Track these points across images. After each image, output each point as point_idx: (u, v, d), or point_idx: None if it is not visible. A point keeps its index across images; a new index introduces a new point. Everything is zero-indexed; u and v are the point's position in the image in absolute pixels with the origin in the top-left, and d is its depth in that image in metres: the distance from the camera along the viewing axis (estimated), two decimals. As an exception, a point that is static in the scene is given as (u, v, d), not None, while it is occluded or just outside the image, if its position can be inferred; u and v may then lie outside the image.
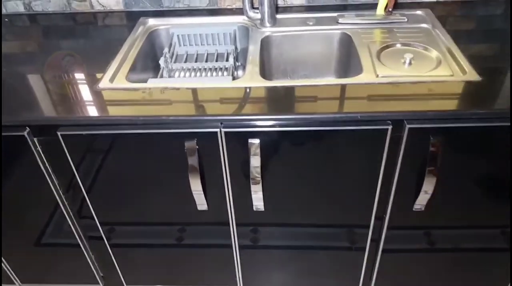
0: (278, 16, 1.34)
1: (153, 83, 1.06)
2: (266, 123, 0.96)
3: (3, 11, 1.48)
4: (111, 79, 1.09)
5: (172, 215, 1.17)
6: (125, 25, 1.38)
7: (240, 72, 1.37)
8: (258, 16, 1.30)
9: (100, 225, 1.21)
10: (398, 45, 1.17)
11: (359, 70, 1.11)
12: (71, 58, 1.19)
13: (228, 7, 1.43)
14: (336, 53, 1.31)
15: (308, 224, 1.17)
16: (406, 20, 1.27)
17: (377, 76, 1.04)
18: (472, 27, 1.24)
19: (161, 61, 1.21)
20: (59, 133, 1.00)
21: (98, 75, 1.10)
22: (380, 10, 1.29)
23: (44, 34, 1.35)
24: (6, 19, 1.44)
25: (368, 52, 1.14)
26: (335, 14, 1.32)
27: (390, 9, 1.28)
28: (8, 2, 1.46)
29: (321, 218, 1.15)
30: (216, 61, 1.33)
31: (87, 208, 1.16)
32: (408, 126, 0.95)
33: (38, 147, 1.03)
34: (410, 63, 1.09)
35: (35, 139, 1.02)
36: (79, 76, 1.12)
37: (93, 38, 1.30)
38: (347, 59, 1.27)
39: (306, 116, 0.94)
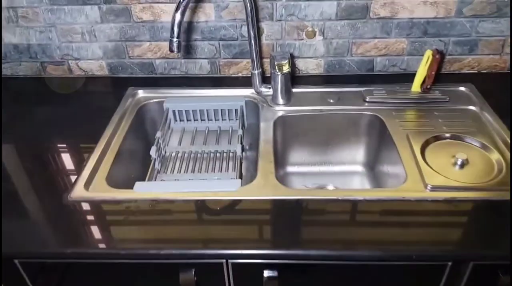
0: (294, 90, 1.13)
1: (141, 190, 0.83)
2: (287, 252, 0.73)
3: (-34, 74, 1.25)
4: (88, 183, 0.86)
5: None
6: (109, 96, 1.15)
7: (249, 153, 1.15)
8: (270, 92, 1.09)
9: None
10: (446, 136, 0.95)
11: (399, 171, 0.89)
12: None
13: (233, 75, 1.21)
14: (365, 139, 1.09)
15: None
16: (447, 99, 1.06)
17: (426, 186, 0.82)
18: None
19: (152, 152, 0.98)
20: (16, 261, 0.76)
21: (72, 175, 0.87)
22: (416, 86, 1.08)
23: (13, 102, 1.13)
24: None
25: (409, 146, 0.92)
26: (360, 89, 1.11)
27: (429, 86, 1.07)
28: (-29, 64, 1.23)
29: None
30: (218, 143, 1.10)
31: None
32: (472, 263, 0.73)
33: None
34: (461, 166, 0.88)
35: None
36: (46, 177, 0.89)
37: (69, 116, 1.07)
38: (379, 146, 1.06)
39: (339, 252, 0.71)
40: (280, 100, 1.08)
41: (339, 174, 1.14)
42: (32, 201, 0.82)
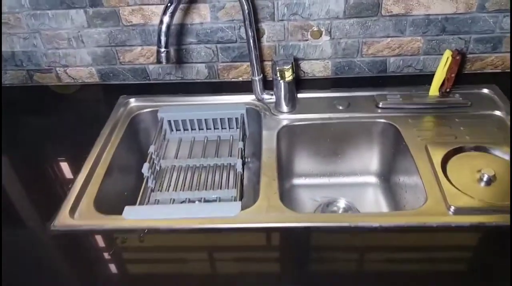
0: (299, 95, 1.03)
1: (130, 217, 0.75)
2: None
3: (-51, 84, 1.17)
4: (73, 209, 0.78)
5: None
6: (100, 105, 1.07)
7: (251, 164, 1.06)
8: (273, 99, 1.00)
9: None
10: (470, 147, 0.85)
11: (416, 187, 0.80)
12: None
13: (233, 79, 1.12)
14: (379, 148, 0.99)
15: None
16: (469, 104, 0.96)
17: (449, 208, 0.73)
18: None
19: (145, 170, 0.89)
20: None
21: (58, 197, 0.79)
22: (434, 90, 0.98)
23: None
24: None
25: (427, 159, 0.83)
26: (373, 93, 1.01)
27: (448, 89, 0.97)
28: (-46, 73, 1.15)
29: None
30: (218, 154, 1.02)
31: None
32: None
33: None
34: (488, 183, 0.78)
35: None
36: (28, 201, 0.81)
37: (56, 128, 0.99)
38: (394, 157, 0.96)
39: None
40: (284, 108, 0.99)
41: (351, 186, 1.05)
42: (12, 231, 0.75)
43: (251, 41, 0.91)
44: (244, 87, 1.06)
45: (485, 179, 0.78)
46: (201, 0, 0.98)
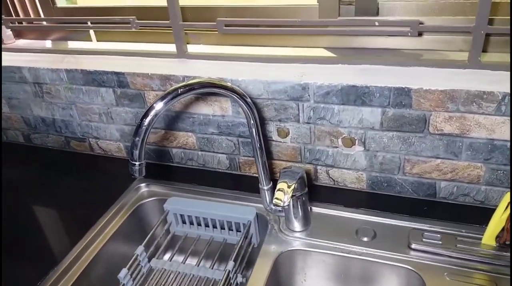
0: (320, 210, 0.88)
1: None
2: None
3: (4, 138, 1.26)
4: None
5: None
6: (120, 181, 1.04)
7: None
8: (283, 213, 0.86)
9: None
10: None
11: None
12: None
13: (255, 174, 1.01)
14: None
15: None
16: (537, 267, 0.71)
17: None
18: None
19: (121, 275, 0.81)
20: None
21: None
22: (489, 238, 0.74)
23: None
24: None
25: None
26: (409, 225, 0.81)
27: (508, 242, 0.73)
28: (8, 130, 1.23)
29: None
30: (216, 263, 0.89)
31: None
32: None
33: None
34: None
35: None
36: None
37: (66, 199, 0.98)
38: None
39: None
40: (295, 226, 0.84)
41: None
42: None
43: (257, 147, 0.80)
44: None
45: None
46: (222, 93, 0.90)
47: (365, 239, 0.81)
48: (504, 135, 0.75)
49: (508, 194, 0.69)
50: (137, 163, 0.68)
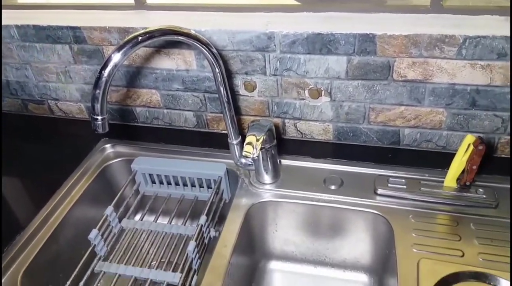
0: (289, 162, 0.89)
1: None
2: None
3: (-45, 104, 1.19)
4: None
5: None
6: (82, 144, 1.00)
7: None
8: (253, 167, 0.86)
9: None
10: (477, 274, 0.65)
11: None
12: None
13: (223, 131, 1.00)
14: (372, 243, 0.81)
15: None
16: (495, 205, 0.74)
17: None
18: None
19: (92, 235, 0.80)
20: None
21: None
22: (450, 180, 0.77)
23: None
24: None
25: (416, 283, 0.64)
26: (375, 172, 0.83)
27: (468, 183, 0.76)
28: (-41, 96, 1.16)
29: None
30: (188, 220, 0.89)
31: None
32: None
33: None
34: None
35: None
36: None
37: (30, 163, 0.95)
38: (387, 258, 0.78)
39: None
40: (265, 178, 0.85)
41: (339, 282, 0.87)
42: None
43: (225, 101, 0.78)
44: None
45: (484, 329, 0.58)
46: (185, 46, 0.87)
47: (333, 187, 0.83)
48: (464, 79, 0.76)
49: (469, 135, 0.72)
50: (99, 117, 0.65)
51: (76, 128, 1.08)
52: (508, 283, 0.63)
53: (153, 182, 0.96)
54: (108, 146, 0.98)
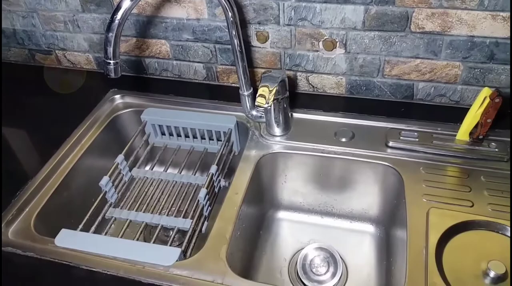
0: (299, 115, 0.88)
1: (62, 244, 0.68)
2: None
3: (-39, 54, 1.17)
4: (11, 222, 0.72)
5: None
6: (91, 94, 0.99)
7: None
8: (263, 119, 0.85)
9: None
10: (484, 223, 0.66)
11: (402, 266, 0.64)
12: None
13: (234, 85, 0.99)
14: (381, 195, 0.82)
15: None
16: (506, 159, 0.74)
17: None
18: None
19: (103, 182, 0.81)
20: None
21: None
22: (463, 134, 0.77)
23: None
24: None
25: (424, 232, 0.65)
26: (387, 125, 0.83)
27: (481, 136, 0.76)
28: (-36, 45, 1.14)
29: None
30: (198, 170, 0.89)
31: None
32: None
33: None
34: (495, 282, 0.59)
35: None
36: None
37: (38, 116, 0.94)
38: (396, 209, 0.79)
39: None
40: (276, 130, 0.85)
41: (345, 231, 0.88)
42: None
43: (237, 51, 0.77)
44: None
45: (491, 275, 0.59)
46: (197, -7, 0.85)
47: (344, 139, 0.82)
48: (484, 32, 0.75)
49: (486, 88, 0.71)
50: (112, 61, 0.64)
51: (84, 79, 1.06)
52: (517, 233, 0.64)
53: (163, 134, 0.96)
54: (117, 96, 0.98)
